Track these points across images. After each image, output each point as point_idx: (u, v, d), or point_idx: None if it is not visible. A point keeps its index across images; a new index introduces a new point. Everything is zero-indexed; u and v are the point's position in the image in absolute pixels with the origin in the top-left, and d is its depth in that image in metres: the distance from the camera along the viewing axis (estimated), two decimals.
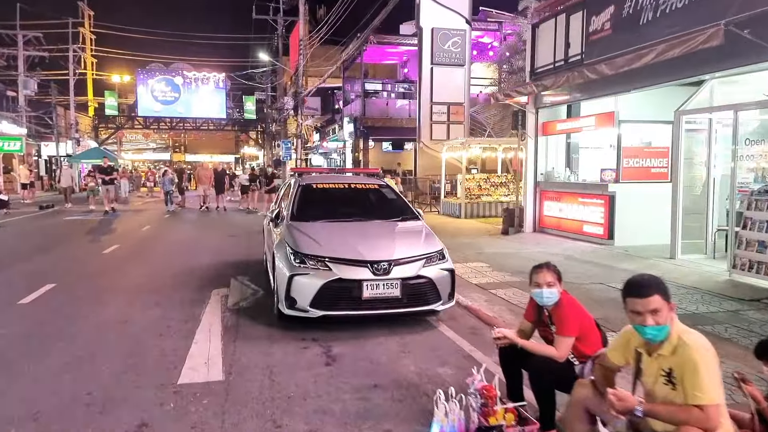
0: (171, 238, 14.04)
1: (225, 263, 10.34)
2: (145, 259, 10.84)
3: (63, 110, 46.78)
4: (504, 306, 6.94)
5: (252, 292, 7.90)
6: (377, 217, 7.14)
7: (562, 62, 12.41)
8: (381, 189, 7.83)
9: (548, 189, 13.65)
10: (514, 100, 13.71)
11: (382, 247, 6.07)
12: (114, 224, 17.43)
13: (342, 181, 7.96)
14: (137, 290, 8.06)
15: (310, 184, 7.66)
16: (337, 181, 7.94)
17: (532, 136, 13.93)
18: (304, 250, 5.94)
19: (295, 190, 7.47)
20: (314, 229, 6.49)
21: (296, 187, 7.52)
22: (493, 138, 22.65)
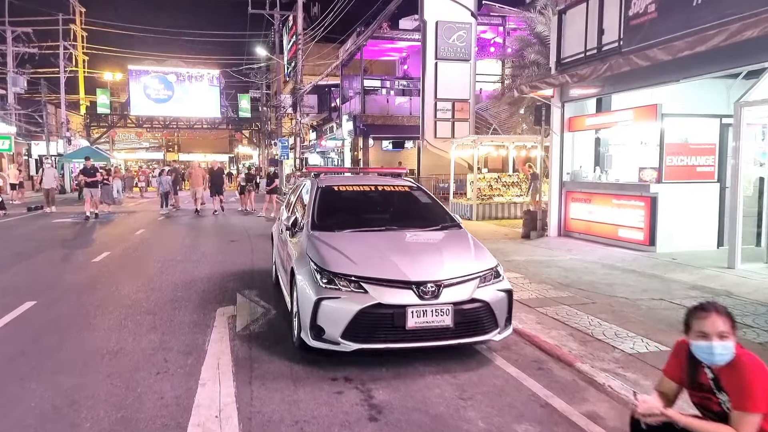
0: (167, 244, 12.93)
1: (228, 273, 9.26)
2: (139, 269, 9.74)
3: (54, 108, 45.52)
4: (563, 330, 5.89)
5: (262, 312, 6.82)
6: (413, 226, 6.08)
7: (595, 51, 11.37)
8: (412, 191, 6.77)
9: (576, 189, 12.61)
10: (539, 93, 12.66)
11: (427, 263, 5.01)
12: (106, 228, 16.29)
13: (367, 182, 6.88)
14: (130, 309, 6.96)
15: (331, 187, 6.59)
16: (362, 182, 6.86)
17: (558, 132, 12.89)
18: (333, 268, 4.87)
19: (313, 193, 6.40)
20: (342, 240, 5.43)
21: (315, 191, 6.44)
22: (507, 135, 21.57)
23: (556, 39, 12.70)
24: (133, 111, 49.46)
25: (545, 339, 5.61)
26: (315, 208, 6.13)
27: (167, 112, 49.64)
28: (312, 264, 5.03)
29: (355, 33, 32.11)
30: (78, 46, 48.80)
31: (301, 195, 7.20)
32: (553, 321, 6.25)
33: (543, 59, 20.95)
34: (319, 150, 44.18)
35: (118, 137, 62.82)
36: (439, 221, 6.20)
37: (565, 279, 8.53)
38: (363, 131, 32.44)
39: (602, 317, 6.36)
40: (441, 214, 6.41)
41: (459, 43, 26.53)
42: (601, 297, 7.35)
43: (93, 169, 19.94)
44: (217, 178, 22.59)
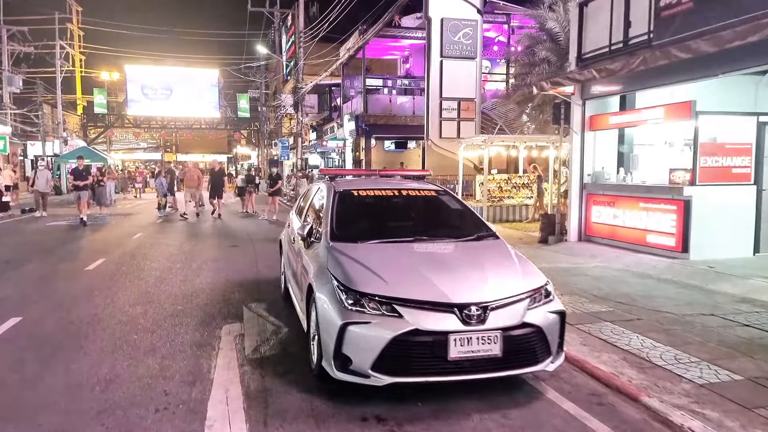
0: (165, 250, 12.23)
1: (231, 283, 8.57)
2: (136, 278, 9.04)
3: (50, 108, 44.77)
4: (614, 354, 5.21)
5: (273, 329, 6.13)
6: (444, 236, 5.40)
7: (621, 45, 10.70)
8: (440, 196, 6.08)
9: (598, 192, 11.94)
10: (559, 89, 11.99)
11: (469, 282, 4.34)
12: (101, 232, 15.59)
13: (389, 186, 6.17)
14: (126, 326, 6.27)
15: (350, 191, 5.91)
16: (383, 186, 6.15)
17: (578, 132, 12.23)
18: (361, 287, 4.19)
19: (330, 199, 5.71)
20: (367, 254, 4.75)
21: (332, 196, 5.76)
22: (519, 135, 20.91)
23: (576, 33, 12.03)
24: (131, 111, 48.81)
25: (597, 365, 4.94)
26: (333, 215, 5.45)
27: (165, 112, 48.99)
28: (335, 282, 4.35)
29: (358, 31, 31.45)
30: (75, 46, 48.07)
31: (315, 200, 6.52)
32: (600, 342, 5.57)
33: (554, 57, 20.34)
34: (320, 150, 43.47)
35: (116, 137, 62.05)
36: (472, 230, 5.52)
37: (599, 290, 7.86)
38: (365, 131, 31.78)
39: (653, 337, 5.69)
40: (474, 222, 5.72)
41: (465, 40, 25.91)
42: (644, 312, 6.68)
43: (85, 170, 18.36)
44: (217, 180, 21.20)
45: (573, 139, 12.33)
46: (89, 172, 18.55)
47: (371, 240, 5.09)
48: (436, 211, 5.91)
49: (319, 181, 7.20)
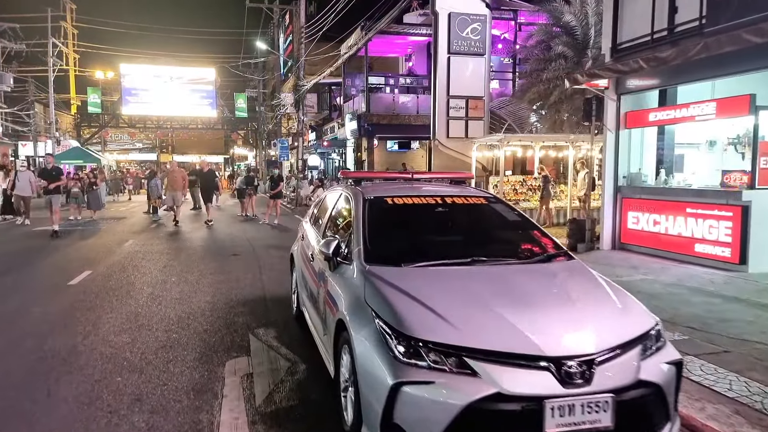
0: (159, 260, 11.12)
1: (234, 301, 7.47)
2: (124, 296, 7.92)
3: (42, 108, 43.56)
4: (720, 404, 4.13)
5: (288, 367, 5.04)
6: (507, 255, 4.31)
7: (665, 33, 9.65)
8: (491, 205, 4.99)
9: (634, 196, 10.88)
10: (593, 83, 10.93)
11: (561, 323, 3.27)
12: (89, 238, 14.44)
13: (429, 193, 5.05)
14: (109, 364, 5.16)
15: (382, 199, 4.81)
16: (422, 193, 5.03)
17: (612, 130, 11.16)
18: (419, 332, 3.12)
19: (360, 208, 4.62)
20: (417, 282, 3.68)
21: (361, 204, 4.67)
22: (538, 134, 19.84)
23: (611, 22, 10.94)
24: (126, 110, 47.63)
25: (706, 422, 3.85)
26: (365, 229, 4.36)
27: (161, 111, 47.79)
28: (379, 322, 3.27)
29: (360, 27, 30.37)
30: (69, 44, 46.91)
31: (337, 209, 5.43)
32: (695, 386, 4.48)
33: (570, 51, 19.31)
34: (320, 150, 42.37)
35: (110, 138, 60.82)
36: (539, 248, 4.44)
37: (660, 311, 6.72)
38: (368, 131, 30.68)
39: (757, 378, 4.61)
40: (538, 237, 4.63)
41: (473, 36, 24.94)
42: (727, 341, 5.60)
43: (55, 170, 15.59)
44: (208, 182, 18.93)
45: (606, 137, 11.27)
46: (60, 172, 15.96)
47: (417, 262, 4.00)
48: (490, 224, 4.82)
49: (338, 185, 6.11)
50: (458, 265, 4.02)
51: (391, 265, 3.95)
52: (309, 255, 5.46)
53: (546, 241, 4.54)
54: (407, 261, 4.01)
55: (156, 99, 47.04)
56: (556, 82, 19.56)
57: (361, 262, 4.00)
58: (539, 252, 4.34)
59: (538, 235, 4.63)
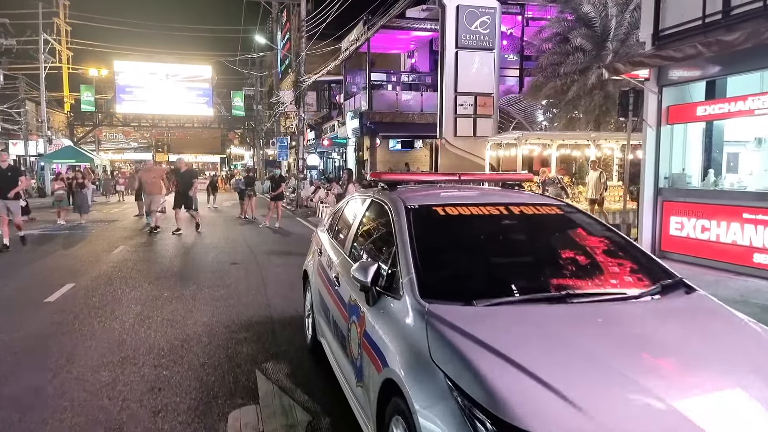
0: (151, 270, 10.02)
1: (236, 324, 6.38)
2: (109, 317, 6.82)
3: (34, 106, 42.34)
4: None
5: (308, 424, 3.95)
6: (606, 285, 3.23)
7: (719, 15, 8.60)
8: (569, 216, 3.89)
9: (678, 199, 9.83)
10: (633, 73, 9.89)
11: (734, 397, 2.19)
12: (76, 244, 13.31)
13: (486, 200, 3.91)
14: (80, 417, 4.07)
15: (431, 209, 3.72)
16: (479, 201, 3.90)
17: (653, 125, 10.10)
18: (530, 421, 2.05)
19: (402, 221, 3.53)
20: (504, 331, 2.61)
21: (403, 216, 3.58)
22: (559, 132, 18.77)
23: (653, 7, 9.88)
24: (120, 108, 46.42)
25: None
26: (415, 250, 3.26)
27: (156, 109, 46.58)
28: (460, 398, 2.20)
29: (363, 22, 29.29)
30: (62, 41, 45.72)
31: (365, 220, 4.35)
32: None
33: (589, 44, 18.29)
34: (320, 150, 41.27)
35: (105, 137, 59.61)
36: (647, 275, 3.35)
37: None
38: (370, 129, 29.59)
39: None
40: (639, 258, 3.54)
41: (482, 30, 23.85)
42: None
43: (12, 170, 12.32)
44: (185, 185, 15.22)
45: (647, 134, 10.21)
46: (19, 173, 12.79)
47: (493, 297, 2.91)
48: (573, 241, 3.70)
49: (365, 191, 5.03)
50: (549, 301, 2.93)
51: (458, 302, 2.86)
52: (331, 277, 4.37)
53: (651, 265, 3.46)
54: (479, 296, 2.91)
55: (151, 97, 45.83)
56: (573, 77, 18.55)
57: (415, 297, 2.91)
58: (648, 280, 3.25)
59: (638, 256, 3.54)
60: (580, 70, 18.41)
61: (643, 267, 3.42)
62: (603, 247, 3.60)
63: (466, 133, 23.68)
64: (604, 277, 3.30)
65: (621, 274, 3.35)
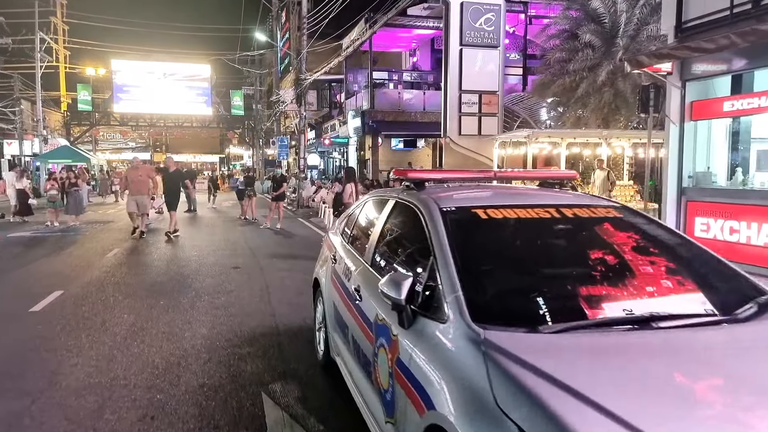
0: (146, 274, 9.48)
1: (238, 338, 5.82)
2: (99, 329, 6.26)
3: (30, 105, 41.74)
4: None
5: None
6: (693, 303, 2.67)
7: (749, 5, 8.06)
8: (630, 220, 3.33)
9: (704, 199, 9.28)
10: (655, 67, 9.34)
11: None
12: (69, 247, 12.74)
13: (535, 201, 3.36)
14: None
15: (470, 212, 3.17)
16: (525, 202, 3.33)
17: (676, 122, 9.56)
18: None
19: (439, 227, 2.97)
20: (588, 369, 2.04)
21: (439, 220, 3.03)
22: (570, 130, 18.21)
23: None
24: (117, 108, 45.85)
25: None
26: (457, 261, 2.71)
27: (154, 109, 45.99)
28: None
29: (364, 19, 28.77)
30: (59, 40, 45.15)
31: (390, 225, 3.80)
32: None
33: (598, 41, 17.76)
34: (321, 149, 40.72)
35: (102, 136, 59.01)
36: (734, 290, 2.80)
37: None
38: (372, 128, 29.10)
39: None
40: (720, 269, 2.99)
41: (487, 27, 23.35)
42: None
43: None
44: (173, 185, 14.58)
45: (669, 131, 9.67)
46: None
47: (560, 320, 2.36)
48: (643, 250, 3.11)
49: (384, 190, 4.49)
50: (631, 325, 2.39)
51: (519, 327, 2.31)
52: (350, 289, 3.82)
53: (738, 278, 2.91)
54: (544, 320, 2.37)
55: (149, 96, 45.24)
56: (582, 74, 18.01)
57: (466, 321, 2.36)
58: (738, 297, 2.69)
59: (720, 267, 3.00)
60: (589, 66, 17.87)
61: (729, 281, 2.87)
62: (677, 256, 3.04)
63: (471, 132, 23.20)
64: (686, 294, 2.75)
65: (705, 289, 2.79)
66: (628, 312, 2.49)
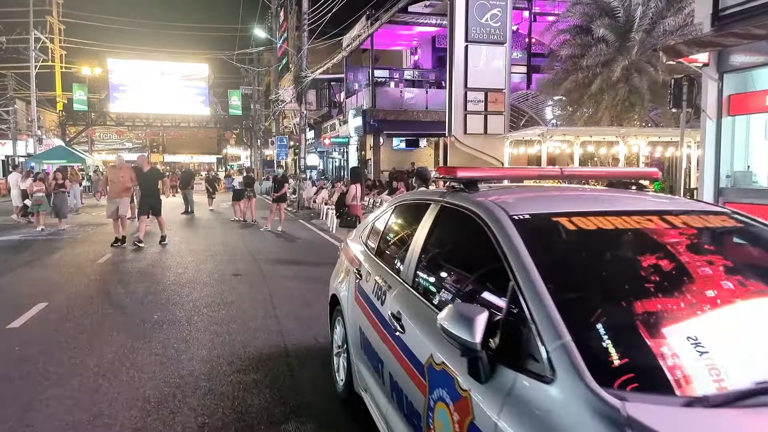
0: (140, 282, 8.73)
1: (242, 362, 5.08)
2: (83, 350, 5.53)
3: (24, 105, 40.94)
4: None
5: None
6: None
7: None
8: (750, 229, 2.61)
9: (744, 201, 8.59)
10: (690, 58, 8.64)
11: None
12: (57, 252, 11.98)
13: (627, 207, 2.63)
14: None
15: (550, 220, 2.46)
16: (614, 208, 2.61)
17: (713, 117, 8.86)
18: None
19: (512, 240, 2.25)
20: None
21: (511, 231, 2.30)
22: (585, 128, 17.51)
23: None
24: (113, 108, 45.02)
25: None
26: (552, 290, 1.98)
27: (151, 109, 45.19)
28: None
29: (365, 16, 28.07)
30: (55, 40, 44.38)
31: (430, 236, 3.07)
32: None
33: (612, 35, 17.08)
34: (320, 149, 40.00)
35: (98, 137, 58.13)
36: None
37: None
38: (374, 128, 28.39)
39: None
40: None
41: (493, 23, 22.63)
42: None
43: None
44: (149, 187, 12.84)
45: (706, 127, 8.97)
46: None
47: (727, 384, 1.63)
48: (761, 268, 2.41)
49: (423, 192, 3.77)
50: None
51: (666, 393, 1.58)
52: (384, 314, 3.09)
53: None
54: (705, 382, 1.64)
55: (145, 96, 44.43)
56: (596, 70, 17.32)
57: (586, 384, 1.63)
58: None
59: None
60: (602, 62, 17.19)
61: None
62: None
63: (477, 131, 22.52)
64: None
65: None
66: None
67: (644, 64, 16.75)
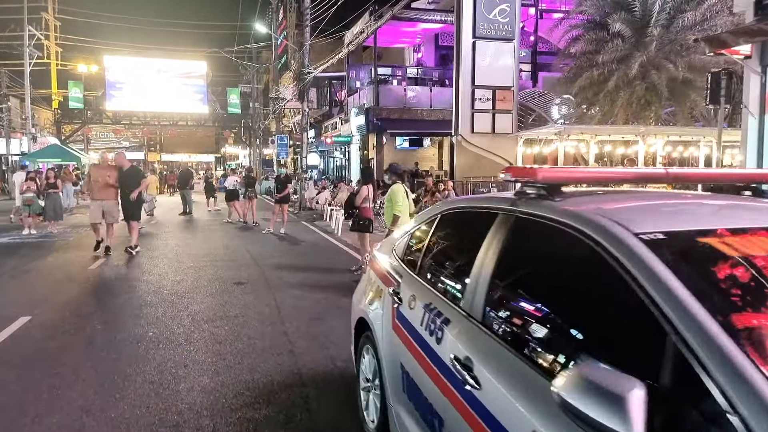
0: (133, 292, 8.03)
1: (250, 392, 4.38)
2: (67, 377, 4.82)
3: (18, 102, 40.19)
4: None
5: None
6: None
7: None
8: None
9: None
10: (732, 50, 7.97)
11: None
12: (47, 257, 11.26)
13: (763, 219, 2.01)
14: None
15: (696, 241, 1.76)
16: (749, 220, 1.97)
17: (755, 113, 8.18)
18: None
19: (657, 273, 1.56)
20: None
21: (650, 259, 1.61)
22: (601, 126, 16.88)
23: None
24: (110, 106, 44.23)
25: None
26: (744, 351, 1.29)
27: (148, 107, 44.40)
28: None
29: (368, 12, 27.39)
30: (51, 37, 43.65)
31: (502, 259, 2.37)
32: None
33: (628, 30, 16.44)
34: (321, 149, 39.32)
35: (94, 135, 57.35)
36: None
37: None
38: (377, 126, 27.70)
39: None
40: None
41: (501, 18, 22.01)
42: None
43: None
44: (128, 186, 11.22)
45: (747, 124, 8.29)
46: None
47: None
48: None
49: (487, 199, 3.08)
50: None
51: None
52: (445, 358, 2.39)
53: None
54: None
55: (142, 94, 43.64)
56: (611, 66, 16.67)
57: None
58: None
59: None
60: (619, 58, 16.53)
61: None
62: None
63: (485, 130, 21.92)
64: None
65: None
66: None
67: (662, 60, 16.11)
